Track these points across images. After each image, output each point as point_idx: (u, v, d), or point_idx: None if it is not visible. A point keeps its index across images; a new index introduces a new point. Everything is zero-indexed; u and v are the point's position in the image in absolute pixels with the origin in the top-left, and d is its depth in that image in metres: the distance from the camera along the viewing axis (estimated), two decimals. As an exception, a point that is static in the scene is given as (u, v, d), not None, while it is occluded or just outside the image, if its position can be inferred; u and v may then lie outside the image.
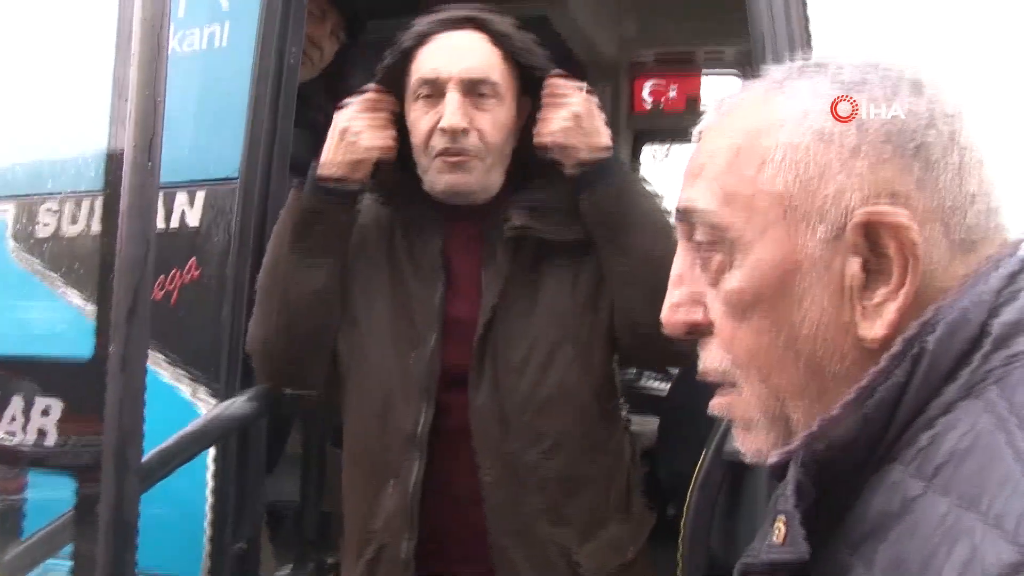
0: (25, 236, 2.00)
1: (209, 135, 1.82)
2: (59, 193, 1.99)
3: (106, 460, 1.27)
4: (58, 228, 1.98)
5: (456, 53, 1.45)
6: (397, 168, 1.55)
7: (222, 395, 1.67)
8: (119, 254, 1.31)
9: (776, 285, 0.66)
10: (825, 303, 0.64)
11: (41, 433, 1.46)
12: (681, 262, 0.74)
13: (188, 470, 1.50)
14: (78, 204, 1.95)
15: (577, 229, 1.50)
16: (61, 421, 1.46)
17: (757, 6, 1.51)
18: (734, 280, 0.68)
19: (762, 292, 0.66)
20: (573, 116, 1.45)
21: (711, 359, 0.72)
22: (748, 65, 3.67)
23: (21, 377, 1.53)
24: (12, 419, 1.49)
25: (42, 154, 2.05)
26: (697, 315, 0.72)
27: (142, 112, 1.34)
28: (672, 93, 3.93)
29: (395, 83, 1.51)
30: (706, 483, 1.60)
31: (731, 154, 0.68)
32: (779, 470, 0.65)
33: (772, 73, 0.71)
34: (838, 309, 0.64)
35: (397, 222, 1.56)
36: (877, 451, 0.62)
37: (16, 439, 1.47)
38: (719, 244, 0.68)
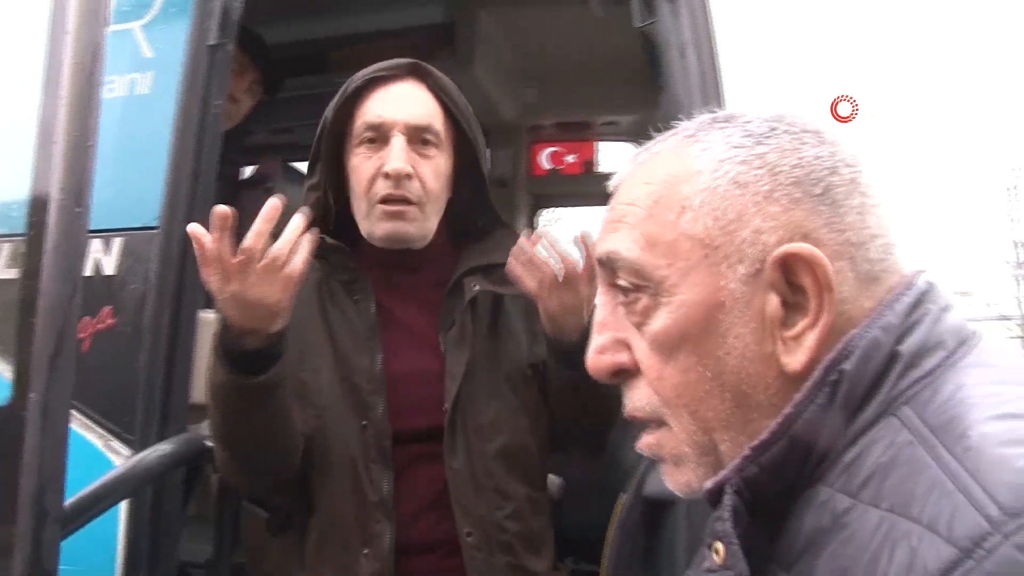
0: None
1: (127, 183, 1.81)
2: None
3: (23, 507, 1.24)
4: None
5: (401, 101, 1.50)
6: (331, 222, 1.59)
7: (138, 446, 1.63)
8: (42, 296, 1.30)
9: (701, 323, 0.70)
10: (748, 338, 0.69)
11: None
12: (603, 308, 0.78)
13: (97, 523, 1.46)
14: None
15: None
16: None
17: (673, 74, 1.61)
18: (660, 321, 0.72)
19: (688, 330, 0.70)
20: (575, 304, 1.44)
21: (638, 398, 0.75)
22: (642, 134, 3.85)
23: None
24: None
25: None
26: (623, 358, 0.76)
27: (72, 155, 1.34)
28: (570, 158, 4.08)
29: (337, 127, 1.55)
30: (626, 522, 1.64)
31: (651, 202, 0.73)
32: (714, 496, 0.68)
33: (684, 126, 0.76)
34: (760, 342, 0.69)
35: (331, 282, 1.56)
36: (803, 473, 0.67)
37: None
38: (643, 288, 0.73)
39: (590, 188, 3.99)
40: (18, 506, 1.24)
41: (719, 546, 0.66)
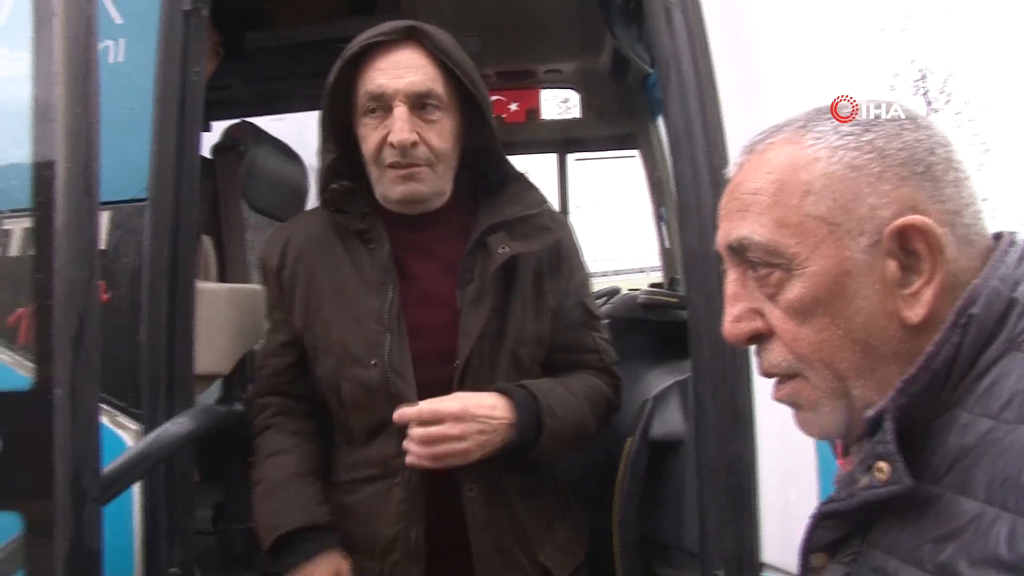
0: None
1: (110, 154, 1.75)
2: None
3: (61, 489, 1.25)
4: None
5: (400, 69, 1.51)
6: (346, 181, 1.63)
7: (147, 419, 1.63)
8: (59, 278, 1.29)
9: (832, 289, 0.82)
10: (873, 298, 0.82)
11: (-27, 470, 1.39)
12: (734, 283, 0.89)
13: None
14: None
15: (546, 236, 1.61)
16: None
17: (659, 32, 1.64)
18: (795, 290, 0.84)
19: (821, 296, 0.83)
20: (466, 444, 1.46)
21: (774, 357, 0.88)
22: (583, 81, 3.92)
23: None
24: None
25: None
26: (757, 324, 0.88)
27: (74, 132, 1.33)
28: (513, 107, 4.09)
29: (341, 94, 1.56)
30: (635, 464, 1.73)
31: (775, 189, 0.85)
32: (873, 424, 0.81)
33: (792, 118, 0.88)
34: (883, 301, 0.82)
35: (345, 235, 1.61)
36: (941, 401, 0.79)
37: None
38: (776, 264, 0.84)
39: (534, 136, 4.02)
40: (55, 488, 1.25)
41: (883, 465, 0.79)
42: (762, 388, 1.51)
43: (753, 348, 0.91)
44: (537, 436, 1.49)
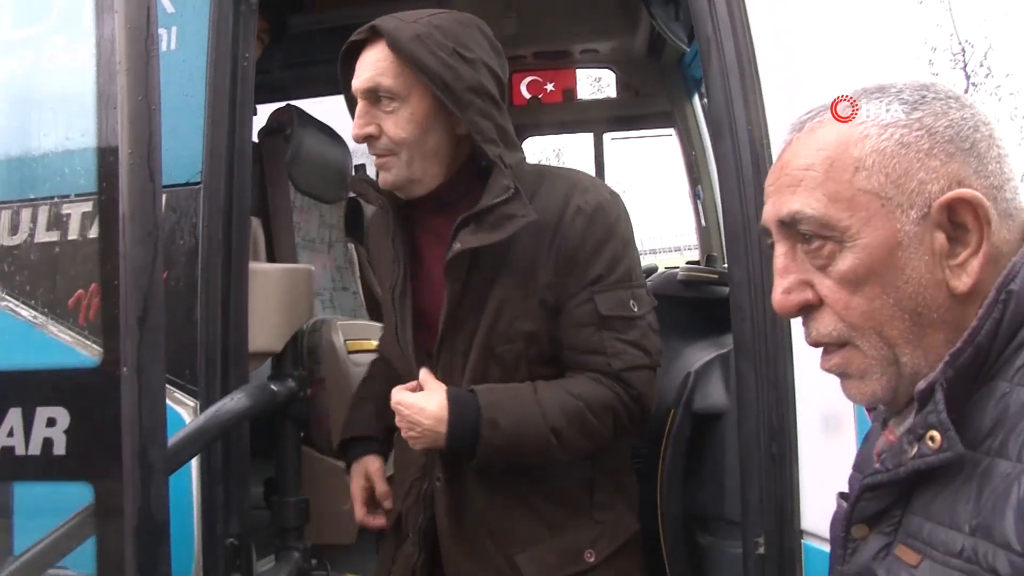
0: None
1: (164, 139, 1.82)
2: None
3: (128, 464, 1.30)
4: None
5: (362, 68, 1.58)
6: None
7: (203, 396, 1.70)
8: (124, 259, 1.34)
9: (884, 260, 0.86)
10: (922, 268, 0.85)
11: (48, 444, 1.46)
12: (784, 256, 0.92)
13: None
14: (15, 213, 1.91)
15: (509, 225, 1.53)
16: (69, 430, 1.46)
17: (700, 10, 1.66)
18: (847, 261, 0.87)
19: (873, 267, 0.86)
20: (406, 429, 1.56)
21: (825, 327, 0.90)
22: (619, 60, 3.93)
23: (17, 389, 1.51)
24: (10, 433, 1.47)
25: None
26: (808, 295, 0.91)
27: (137, 118, 1.37)
28: (549, 87, 4.11)
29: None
30: (678, 436, 1.77)
31: (827, 165, 0.88)
32: (924, 395, 0.84)
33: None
34: (932, 271, 0.85)
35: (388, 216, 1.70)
36: (982, 373, 0.83)
37: (19, 452, 1.46)
38: (828, 237, 0.87)
39: (570, 116, 4.03)
40: (123, 461, 1.30)
41: (935, 434, 0.81)
42: (802, 361, 1.54)
43: (800, 320, 0.94)
44: (475, 445, 1.52)
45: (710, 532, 1.79)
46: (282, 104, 2.58)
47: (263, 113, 2.60)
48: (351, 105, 1.63)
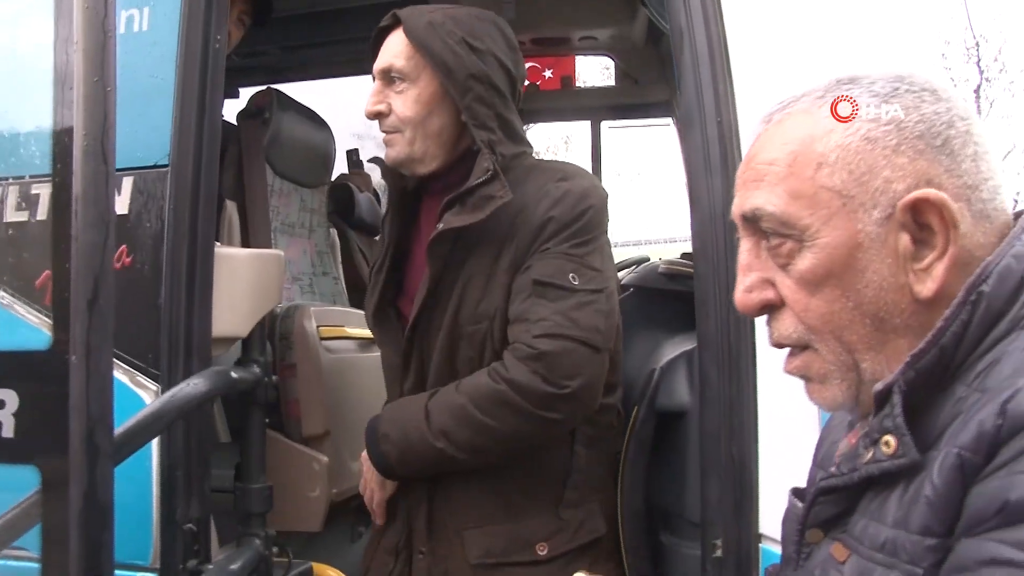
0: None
1: (133, 121, 1.80)
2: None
3: (75, 447, 1.30)
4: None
5: (381, 52, 1.72)
6: None
7: (165, 380, 1.69)
8: (76, 241, 1.33)
9: (843, 261, 0.83)
10: (884, 271, 0.82)
11: (-5, 426, 1.46)
12: (747, 253, 0.89)
13: (131, 458, 1.52)
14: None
15: (487, 205, 1.58)
16: (18, 413, 1.45)
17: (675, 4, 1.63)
18: (806, 261, 0.84)
19: (832, 268, 0.83)
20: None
21: (785, 328, 0.88)
22: (618, 48, 3.90)
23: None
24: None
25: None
26: (769, 294, 0.88)
27: (92, 99, 1.36)
28: (547, 74, 4.08)
29: None
30: (641, 434, 1.75)
31: (790, 160, 0.84)
32: (881, 397, 0.81)
33: (811, 88, 0.87)
34: (895, 275, 0.82)
35: None
36: (945, 376, 0.80)
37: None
38: (788, 235, 0.84)
39: (569, 103, 4.00)
40: (70, 445, 1.30)
41: (890, 439, 0.79)
42: (766, 360, 1.52)
43: (764, 319, 0.91)
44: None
45: (671, 532, 1.77)
46: (263, 91, 2.56)
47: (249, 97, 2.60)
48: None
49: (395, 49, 1.69)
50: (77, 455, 1.30)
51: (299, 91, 2.77)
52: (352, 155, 3.21)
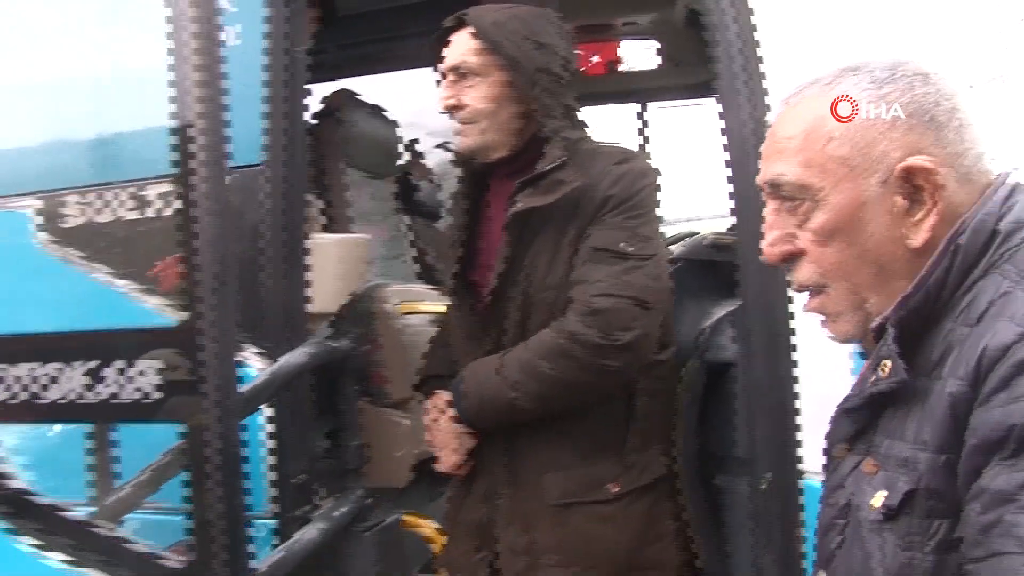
0: (52, 228, 2.19)
1: (233, 127, 2.03)
2: (85, 187, 2.19)
3: (209, 406, 1.53)
4: (86, 218, 2.17)
5: (449, 50, 1.89)
6: None
7: (273, 351, 1.92)
8: (202, 233, 1.56)
9: (850, 217, 1.00)
10: (883, 226, 0.99)
11: (143, 391, 1.71)
12: (771, 213, 1.08)
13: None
14: (103, 196, 2.15)
15: (559, 188, 1.79)
16: (161, 379, 1.70)
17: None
18: (819, 218, 1.02)
19: (840, 223, 1.01)
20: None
21: (803, 275, 1.06)
22: (661, 31, 4.03)
23: (117, 346, 1.77)
24: (112, 382, 1.74)
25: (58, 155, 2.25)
26: (789, 247, 1.06)
27: (209, 108, 1.58)
28: (593, 59, 4.23)
29: None
30: (694, 386, 1.95)
31: (804, 135, 1.03)
32: (878, 331, 1.01)
33: (822, 75, 1.06)
34: (892, 228, 0.99)
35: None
36: (932, 313, 0.98)
37: (121, 398, 1.73)
38: (804, 197, 1.03)
39: (613, 87, 4.15)
40: (204, 408, 1.53)
41: (885, 364, 0.98)
42: (802, 313, 1.70)
43: (787, 268, 1.09)
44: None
45: (723, 471, 1.97)
46: (335, 87, 2.78)
47: (319, 94, 2.82)
48: (440, 80, 1.93)
49: (464, 47, 1.87)
50: (211, 412, 1.53)
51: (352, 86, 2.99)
52: (411, 145, 3.42)
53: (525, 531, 1.82)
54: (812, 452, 1.67)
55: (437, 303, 2.42)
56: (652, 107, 4.26)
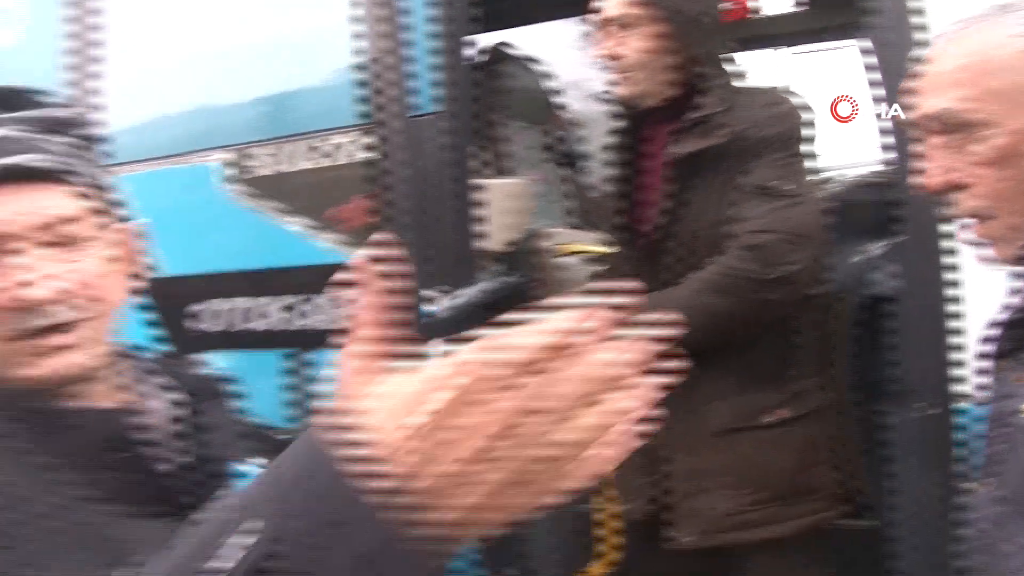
0: (243, 177, 2.42)
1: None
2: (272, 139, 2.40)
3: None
4: (268, 169, 2.39)
5: (607, 1, 1.98)
6: None
7: (451, 288, 2.08)
8: (393, 176, 1.73)
9: (1018, 146, 1.04)
10: None
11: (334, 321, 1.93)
12: (932, 145, 1.12)
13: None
14: (292, 146, 2.35)
15: (717, 133, 1.89)
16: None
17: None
18: (992, 145, 1.05)
19: (1008, 151, 1.05)
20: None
21: (970, 203, 1.09)
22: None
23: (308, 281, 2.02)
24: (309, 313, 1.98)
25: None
26: (949, 177, 1.10)
27: (393, 66, 1.74)
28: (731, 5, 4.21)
29: None
30: (853, 317, 2.03)
31: (973, 67, 1.07)
32: None
33: (987, 11, 1.11)
34: None
35: None
36: None
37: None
38: (974, 126, 1.07)
39: (752, 32, 4.13)
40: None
41: None
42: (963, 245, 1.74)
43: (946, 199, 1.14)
44: None
45: (882, 400, 2.03)
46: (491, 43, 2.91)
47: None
48: (596, 31, 2.02)
49: (621, 1, 1.96)
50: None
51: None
52: (559, 94, 3.52)
53: (691, 456, 1.93)
54: (968, 380, 1.73)
55: (590, 245, 2.53)
56: (790, 52, 4.24)
